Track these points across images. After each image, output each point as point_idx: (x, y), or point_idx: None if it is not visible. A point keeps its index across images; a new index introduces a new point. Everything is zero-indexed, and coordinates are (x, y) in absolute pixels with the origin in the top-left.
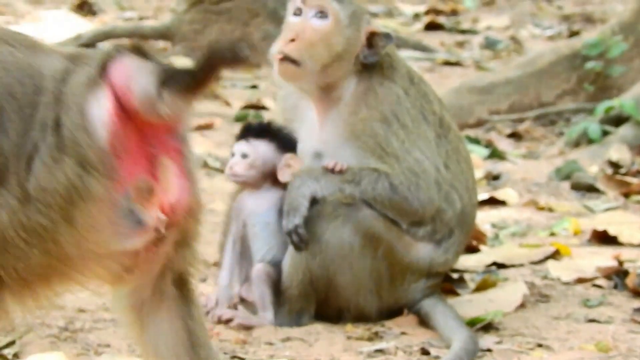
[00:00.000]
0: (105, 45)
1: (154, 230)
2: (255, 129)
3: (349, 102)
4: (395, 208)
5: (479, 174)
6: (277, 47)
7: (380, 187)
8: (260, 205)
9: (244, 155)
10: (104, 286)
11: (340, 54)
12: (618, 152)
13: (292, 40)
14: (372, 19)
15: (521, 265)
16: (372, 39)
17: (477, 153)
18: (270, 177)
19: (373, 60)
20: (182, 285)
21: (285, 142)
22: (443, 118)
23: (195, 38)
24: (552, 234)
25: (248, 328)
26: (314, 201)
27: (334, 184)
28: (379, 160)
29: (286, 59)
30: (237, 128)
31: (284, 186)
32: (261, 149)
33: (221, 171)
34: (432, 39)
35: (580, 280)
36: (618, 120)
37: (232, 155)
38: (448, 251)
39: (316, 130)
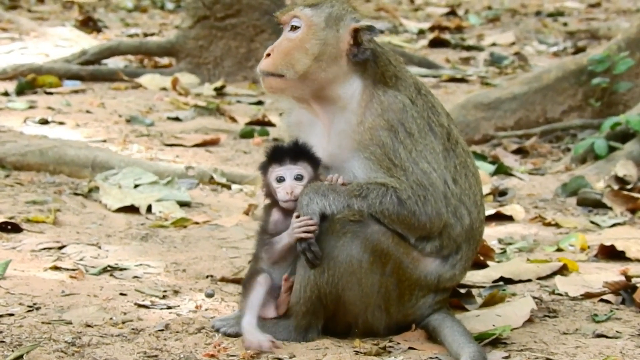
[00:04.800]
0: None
1: None
2: (291, 150)
3: (354, 111)
4: (403, 222)
5: (485, 189)
6: (258, 67)
7: (388, 201)
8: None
9: (299, 178)
10: (110, 301)
11: (319, 56)
12: (624, 168)
13: (268, 55)
14: (360, 17)
15: (528, 280)
16: (357, 35)
17: (483, 169)
18: None
19: (364, 57)
20: None
21: (316, 159)
22: (451, 132)
23: (201, 54)
24: (559, 250)
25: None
26: (322, 217)
27: (342, 200)
28: (387, 172)
29: (266, 74)
30: (242, 144)
31: None
32: (309, 169)
33: (227, 187)
34: (437, 56)
35: (588, 296)
36: (624, 136)
37: (279, 180)
38: (455, 267)
39: (324, 144)
